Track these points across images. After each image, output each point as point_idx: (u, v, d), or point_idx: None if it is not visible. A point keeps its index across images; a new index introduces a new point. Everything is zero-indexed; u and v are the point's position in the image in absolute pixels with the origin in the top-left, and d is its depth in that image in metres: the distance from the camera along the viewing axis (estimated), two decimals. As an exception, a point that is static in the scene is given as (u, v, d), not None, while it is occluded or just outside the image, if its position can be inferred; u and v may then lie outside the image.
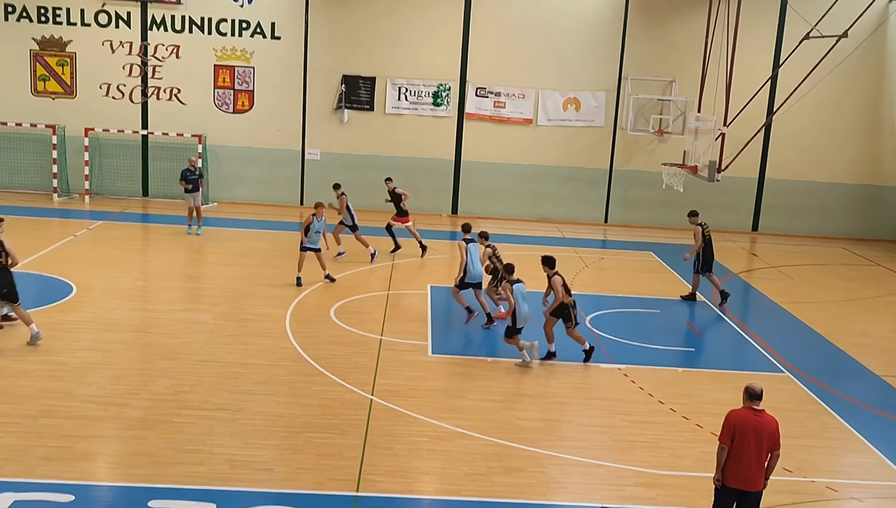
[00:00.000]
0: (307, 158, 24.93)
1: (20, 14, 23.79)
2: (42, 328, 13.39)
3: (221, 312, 14.96)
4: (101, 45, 24.04)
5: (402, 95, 24.66)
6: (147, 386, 11.43)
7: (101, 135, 24.16)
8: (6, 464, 9.11)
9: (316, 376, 12.22)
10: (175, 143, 24.32)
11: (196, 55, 24.22)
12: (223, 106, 24.53)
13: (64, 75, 24.15)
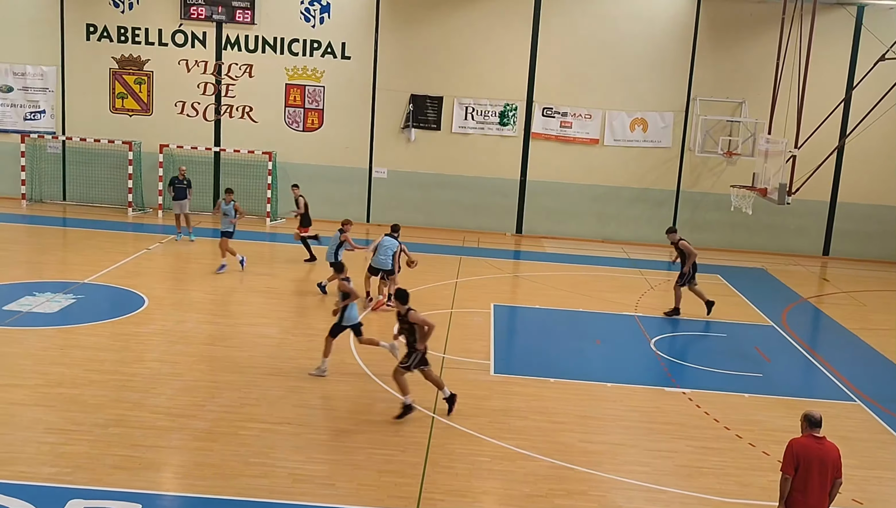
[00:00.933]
0: (374, 176, 25.20)
1: (101, 34, 24.60)
2: (114, 339, 13.78)
3: (287, 327, 15.19)
4: (178, 64, 24.71)
5: (469, 115, 24.80)
6: (214, 399, 11.65)
7: (175, 151, 24.78)
8: (78, 472, 9.37)
9: (378, 392, 12.32)
10: (246, 160, 24.84)
11: (268, 74, 24.73)
12: (293, 124, 24.97)
13: (141, 93, 24.88)
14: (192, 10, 24.23)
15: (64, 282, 16.87)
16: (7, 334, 13.71)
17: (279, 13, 24.41)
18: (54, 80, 24.82)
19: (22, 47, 24.65)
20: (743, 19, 24.21)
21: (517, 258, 22.80)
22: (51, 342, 13.57)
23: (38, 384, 11.77)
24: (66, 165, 25.17)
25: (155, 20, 24.50)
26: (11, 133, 24.92)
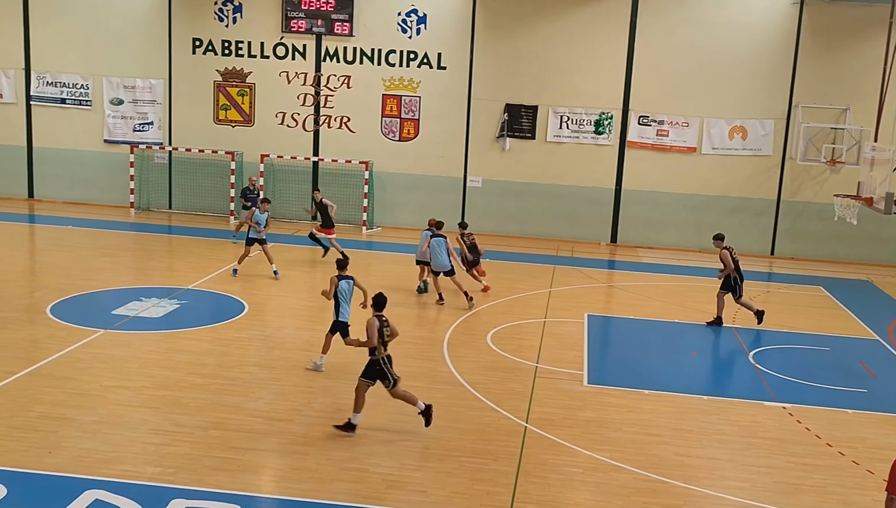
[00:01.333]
0: (469, 185, 25.33)
1: (206, 47, 25.44)
2: (216, 344, 14.21)
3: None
4: (278, 76, 25.36)
5: (564, 123, 24.70)
6: (310, 404, 11.90)
7: (275, 161, 25.43)
8: (180, 472, 9.69)
9: (471, 400, 12.37)
10: (343, 170, 25.31)
11: (365, 85, 25.14)
12: (389, 134, 25.32)
13: (244, 105, 25.62)
14: (293, 23, 24.84)
15: (169, 288, 17.48)
16: (115, 337, 14.29)
17: (377, 25, 24.81)
18: (162, 93, 25.79)
19: (132, 62, 25.69)
20: (847, 23, 23.46)
21: (612, 268, 22.56)
22: (156, 345, 14.08)
23: (143, 386, 12.23)
24: (172, 175, 26.10)
25: (257, 33, 25.21)
26: (121, 144, 25.98)
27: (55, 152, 26.36)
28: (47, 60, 26.00)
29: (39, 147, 26.44)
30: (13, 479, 9.28)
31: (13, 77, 26.11)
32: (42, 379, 12.29)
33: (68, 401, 11.48)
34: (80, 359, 13.16)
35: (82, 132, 26.16)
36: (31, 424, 10.70)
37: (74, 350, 13.54)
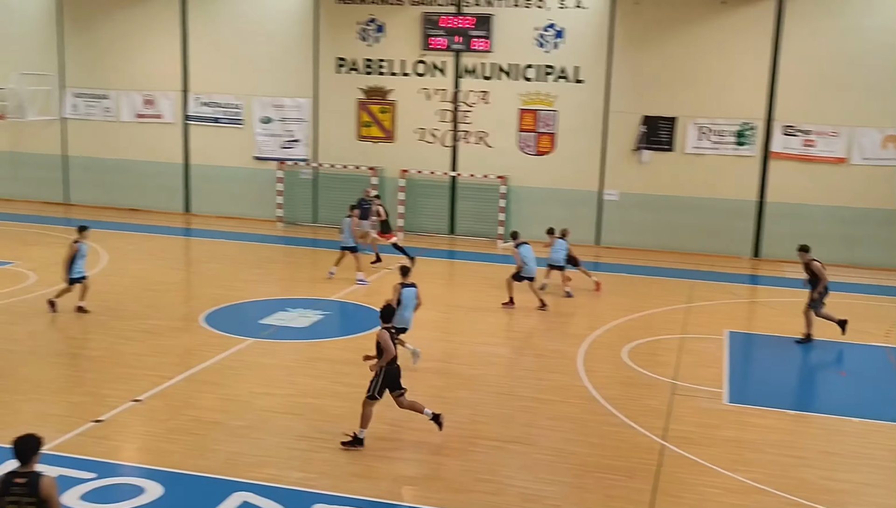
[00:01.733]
0: (605, 199, 25.14)
1: (350, 66, 26.30)
2: (357, 353, 14.58)
3: (517, 347, 15.51)
4: (418, 92, 25.92)
5: (704, 135, 24.18)
6: (447, 414, 12.09)
7: (415, 176, 25.98)
8: (322, 478, 10.06)
9: (606, 416, 12.30)
10: (480, 184, 25.59)
11: (503, 100, 25.38)
12: (526, 148, 25.45)
13: (385, 121, 26.32)
14: (433, 40, 25.36)
15: (313, 299, 18.14)
16: (263, 346, 14.97)
17: (514, 40, 25.01)
18: (308, 111, 26.81)
19: (281, 82, 26.83)
20: None
21: (754, 283, 21.90)
22: (301, 354, 14.66)
23: (288, 393, 12.76)
24: (317, 190, 27.05)
25: (398, 52, 25.87)
26: (270, 160, 27.15)
27: (209, 169, 27.82)
28: (203, 83, 27.50)
29: (195, 164, 27.98)
30: (170, 479, 9.88)
31: (173, 99, 27.75)
32: (196, 384, 13.02)
33: (219, 406, 12.11)
34: (230, 366, 13.85)
35: (234, 150, 27.51)
36: (185, 427, 11.36)
37: (225, 357, 14.26)
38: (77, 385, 12.88)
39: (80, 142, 28.84)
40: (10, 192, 29.51)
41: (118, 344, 14.78)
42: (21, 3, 28.61)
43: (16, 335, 15.28)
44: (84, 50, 28.32)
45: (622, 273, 22.06)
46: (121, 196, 28.57)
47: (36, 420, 11.29)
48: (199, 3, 27.09)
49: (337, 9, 26.11)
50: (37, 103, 27.82)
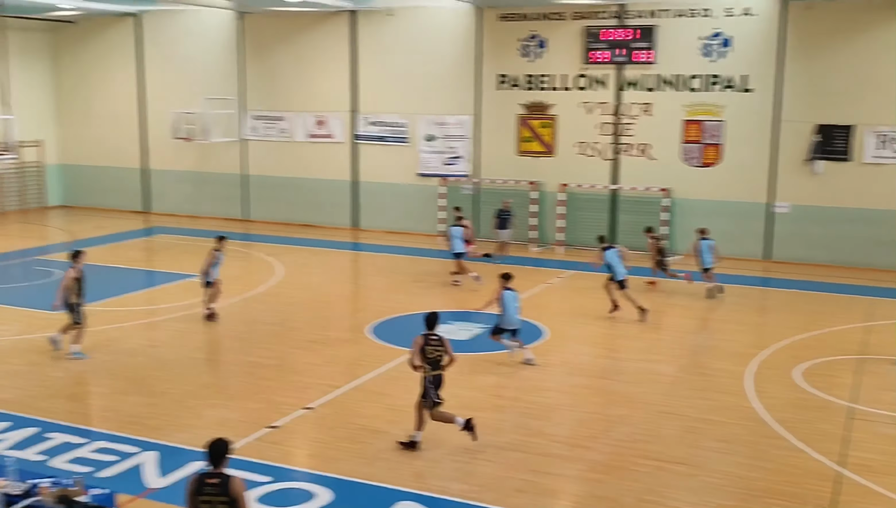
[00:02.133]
0: (775, 212, 24.19)
1: (511, 83, 26.56)
2: (517, 368, 14.76)
3: (682, 365, 15.18)
4: (579, 106, 25.85)
5: (884, 143, 22.87)
6: (608, 432, 12.03)
7: (575, 189, 25.91)
8: (483, 491, 10.19)
9: (777, 439, 11.86)
10: (642, 197, 25.22)
11: (666, 112, 24.93)
12: (690, 160, 24.88)
13: (545, 136, 26.40)
14: (594, 54, 25.24)
15: (473, 313, 18.38)
16: (427, 358, 15.30)
17: (679, 51, 24.53)
18: (470, 128, 27.25)
19: (444, 100, 27.41)
20: None
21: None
22: (461, 367, 14.84)
23: (450, 405, 12.87)
24: (478, 205, 27.43)
25: (560, 67, 25.90)
26: (433, 176, 27.76)
27: (376, 186, 28.73)
28: (371, 103, 28.47)
29: (363, 181, 28.97)
30: (338, 485, 10.29)
31: (343, 119, 28.87)
32: (363, 393, 13.50)
33: (385, 416, 12.50)
34: (395, 377, 14.27)
35: (399, 167, 28.30)
36: (353, 436, 11.80)
37: (390, 368, 14.70)
38: (254, 392, 13.61)
39: (258, 161, 30.48)
40: (194, 209, 31.49)
41: (291, 353, 15.52)
42: (208, 34, 30.54)
43: (198, 343, 16.33)
44: (262, 75, 29.93)
45: (794, 289, 21.20)
46: (294, 212, 29.95)
47: (217, 424, 12.03)
48: (367, 26, 28.09)
49: (499, 26, 26.45)
50: (220, 126, 29.66)
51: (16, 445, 11.32)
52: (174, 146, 30.39)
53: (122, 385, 13.77)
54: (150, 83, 31.81)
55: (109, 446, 11.34)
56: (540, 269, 23.11)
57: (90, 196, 33.55)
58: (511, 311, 14.82)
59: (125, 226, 29.67)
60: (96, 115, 32.87)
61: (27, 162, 31.84)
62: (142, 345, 15.96)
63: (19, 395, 13.30)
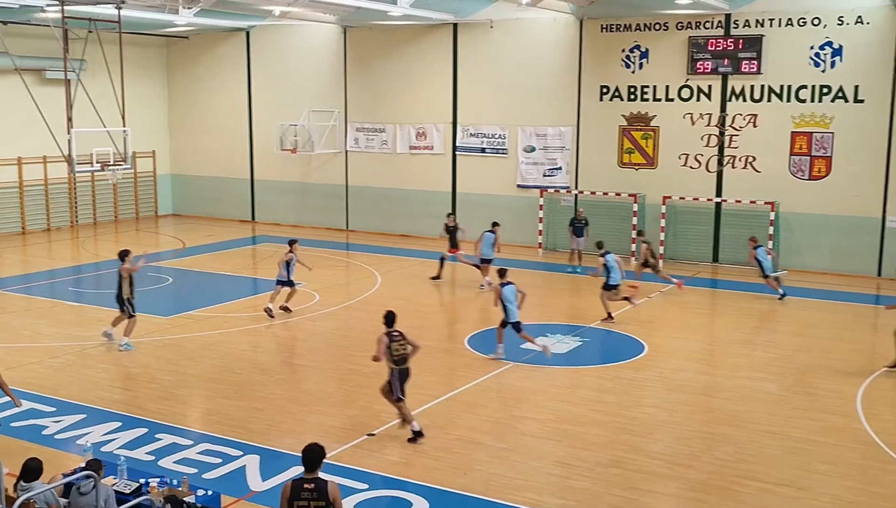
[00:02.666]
0: (888, 226, 23.24)
1: (613, 94, 26.31)
2: (616, 382, 14.60)
3: (787, 384, 14.72)
4: (682, 117, 25.41)
5: None
6: (710, 451, 11.75)
7: (677, 202, 25.45)
8: (580, 506, 10.11)
9: (890, 464, 11.38)
10: (747, 211, 24.59)
11: (773, 123, 24.27)
12: (798, 173, 24.14)
13: (647, 148, 26.04)
14: (699, 64, 24.79)
15: (572, 325, 18.29)
16: (523, 370, 15.29)
17: (787, 61, 23.86)
18: (570, 139, 27.11)
19: (544, 111, 27.34)
20: None
21: None
22: (560, 380, 14.82)
23: (547, 419, 12.94)
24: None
25: (663, 77, 25.53)
26: (532, 188, 27.71)
27: (474, 197, 28.84)
28: (471, 115, 28.63)
29: (462, 192, 29.13)
30: (434, 495, 10.36)
31: (443, 130, 29.12)
32: (458, 404, 13.55)
33: (481, 427, 12.53)
34: (491, 388, 14.29)
35: (498, 178, 28.34)
36: (448, 446, 11.86)
37: (487, 379, 14.73)
38: (353, 399, 13.83)
39: (359, 172, 31.00)
40: (299, 219, 32.23)
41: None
42: (313, 48, 31.26)
43: (300, 349, 16.70)
44: (365, 88, 30.45)
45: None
46: (393, 222, 30.32)
47: (318, 430, 12.27)
48: (468, 38, 28.28)
49: (601, 37, 26.25)
50: (324, 138, 30.31)
51: (126, 445, 11.79)
52: (279, 157, 31.18)
53: (226, 389, 14.19)
54: (256, 96, 32.75)
55: (214, 448, 11.70)
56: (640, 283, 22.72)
57: (199, 205, 34.73)
58: (510, 305, 15.50)
59: (232, 234, 30.58)
60: (206, 127, 34.03)
61: (140, 172, 33.18)
62: (246, 351, 16.41)
63: (129, 397, 13.86)
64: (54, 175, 30.48)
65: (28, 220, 30.26)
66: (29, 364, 15.40)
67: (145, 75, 33.33)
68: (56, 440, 12.03)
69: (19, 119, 27.50)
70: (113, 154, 23.41)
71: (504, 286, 15.48)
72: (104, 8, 23.05)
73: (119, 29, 23.26)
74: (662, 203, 25.43)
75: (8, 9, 23.87)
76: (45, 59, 28.53)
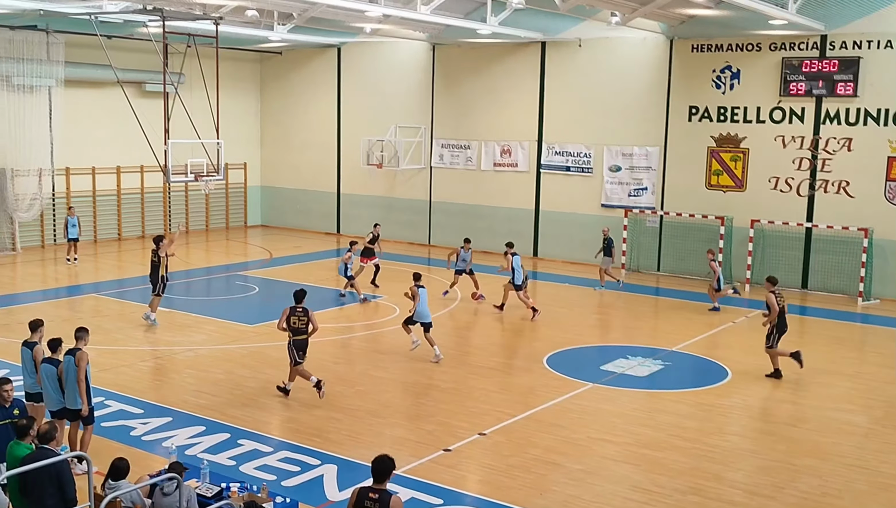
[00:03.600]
0: None
1: (702, 114, 25.94)
2: (697, 408, 14.34)
3: (876, 416, 14.24)
4: (773, 140, 24.88)
5: None
6: (793, 482, 11.45)
7: (766, 226, 24.89)
8: (658, 530, 10.00)
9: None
10: (839, 237, 23.88)
11: (868, 147, 23.56)
12: (894, 199, 23.36)
13: (736, 170, 25.57)
14: (792, 86, 24.26)
15: (654, 348, 18.05)
16: (602, 392, 15.16)
17: (885, 83, 23.15)
18: (657, 160, 26.81)
19: (631, 131, 27.13)
20: None
21: None
22: (640, 404, 14.64)
23: (626, 442, 12.80)
24: (661, 238, 26.88)
25: (754, 99, 25.06)
26: (617, 208, 27.47)
27: (558, 215, 28.76)
28: (557, 133, 28.59)
29: (545, 210, 29.07)
30: (510, 513, 10.37)
31: (527, 148, 29.15)
32: (536, 424, 13.51)
33: (558, 448, 12.46)
34: (570, 409, 14.20)
35: (582, 197, 28.20)
36: (526, 465, 11.83)
37: (565, 400, 14.65)
38: (431, 414, 13.92)
39: (443, 188, 31.24)
40: (383, 233, 32.52)
41: (468, 378, 15.77)
42: (401, 64, 31.71)
43: (379, 362, 16.88)
44: (452, 104, 30.71)
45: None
46: (475, 239, 30.30)
47: (394, 443, 12.40)
48: (556, 57, 28.26)
49: (692, 57, 25.94)
50: (409, 153, 30.66)
51: (209, 449, 12.11)
52: (365, 172, 31.63)
53: (307, 398, 14.44)
54: (345, 111, 33.35)
55: (293, 456, 11.93)
56: (725, 307, 22.32)
57: (287, 217, 35.48)
58: (423, 306, 16.76)
59: (317, 246, 31.13)
60: (296, 141, 34.79)
61: (232, 183, 34.08)
62: (327, 361, 16.68)
63: (214, 402, 14.22)
64: (150, 184, 31.57)
65: (124, 227, 31.37)
66: (120, 366, 15.96)
67: (239, 89, 34.27)
68: (143, 441, 12.43)
69: (119, 129, 28.60)
70: (206, 165, 24.15)
71: (419, 288, 16.90)
72: (203, 24, 23.86)
73: (216, 44, 24.04)
74: (750, 226, 24.90)
75: (112, 23, 24.92)
76: (145, 72, 29.66)
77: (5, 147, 27.23)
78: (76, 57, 28.18)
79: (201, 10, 23.78)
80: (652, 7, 22.98)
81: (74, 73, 28.29)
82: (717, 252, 23.93)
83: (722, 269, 24.82)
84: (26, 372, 11.85)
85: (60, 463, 8.45)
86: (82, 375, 11.23)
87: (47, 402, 11.59)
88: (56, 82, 27.71)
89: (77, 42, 27.68)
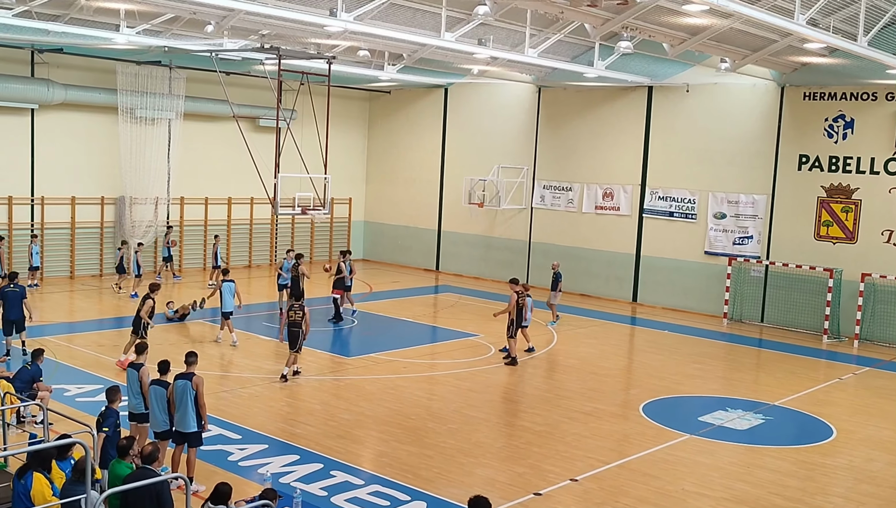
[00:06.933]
0: None
1: (812, 164, 25.28)
2: (799, 466, 13.84)
3: None
4: (888, 192, 24.03)
5: None
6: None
7: (878, 281, 23.97)
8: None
9: None
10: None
11: None
12: None
13: (847, 221, 24.76)
14: (909, 137, 23.45)
15: (754, 402, 17.53)
16: (699, 444, 14.80)
17: None
18: (763, 208, 26.20)
19: (737, 178, 26.61)
20: None
21: None
22: (738, 458, 14.23)
23: (723, 497, 12.45)
24: (766, 288, 26.17)
25: (868, 149, 24.30)
26: (720, 256, 26.92)
27: (659, 261, 28.36)
28: (660, 177, 28.29)
29: (646, 255, 28.72)
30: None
31: (630, 192, 28.93)
32: (630, 472, 13.27)
33: (651, 499, 12.21)
34: (665, 460, 13.91)
35: (685, 243, 27.75)
36: (617, 514, 11.64)
37: (661, 450, 14.36)
38: (522, 456, 13.85)
39: (543, 229, 31.22)
40: (481, 271, 32.79)
41: (561, 422, 15.63)
42: (506, 106, 32.00)
43: (472, 401, 16.90)
44: (555, 146, 30.78)
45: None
46: (573, 281, 30.21)
47: (484, 483, 12.38)
48: (663, 101, 28.06)
49: (803, 105, 25.36)
50: (511, 193, 30.82)
51: (302, 478, 12.33)
52: (466, 210, 31.90)
53: (400, 433, 14.57)
54: (449, 150, 33.79)
55: (384, 490, 12.03)
56: (832, 363, 21.56)
57: (388, 252, 36.02)
58: (226, 298, 20.14)
59: (416, 282, 31.48)
60: (400, 178, 35.40)
61: (337, 217, 34.85)
62: (421, 397, 16.80)
63: (310, 432, 14.49)
64: (259, 216, 32.56)
65: (233, 256, 32.37)
66: (221, 392, 16.44)
67: (348, 126, 35.16)
68: (240, 466, 12.75)
69: (232, 162, 29.69)
70: (313, 199, 24.79)
71: (225, 282, 20.43)
72: (316, 62, 24.65)
73: (328, 82, 24.78)
74: (861, 280, 24.02)
75: (231, 61, 26.00)
76: (259, 108, 30.77)
77: (126, 175, 28.57)
78: (195, 91, 29.47)
79: (315, 49, 24.61)
80: (763, 53, 22.63)
81: (193, 106, 29.58)
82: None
83: (829, 324, 24.07)
84: (131, 392, 12.36)
85: (161, 484, 8.77)
86: (203, 399, 11.69)
87: (153, 423, 12.03)
88: (176, 115, 29.02)
89: (197, 77, 28.98)
